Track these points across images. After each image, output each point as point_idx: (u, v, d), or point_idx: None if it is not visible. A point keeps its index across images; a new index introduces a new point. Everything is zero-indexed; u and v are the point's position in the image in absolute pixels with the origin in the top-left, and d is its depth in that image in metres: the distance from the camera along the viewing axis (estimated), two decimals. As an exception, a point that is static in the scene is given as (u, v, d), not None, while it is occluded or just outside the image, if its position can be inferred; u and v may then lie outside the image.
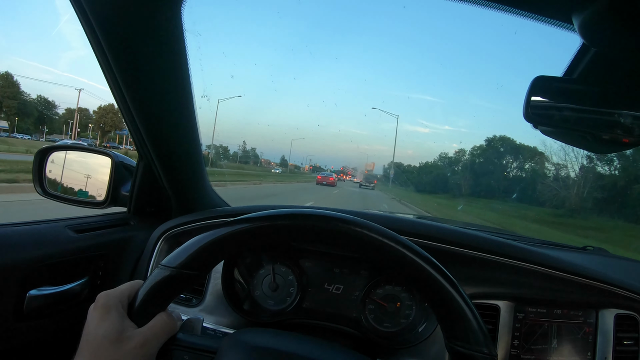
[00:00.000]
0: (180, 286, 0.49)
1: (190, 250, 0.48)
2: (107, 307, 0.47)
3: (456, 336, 0.46)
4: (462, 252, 0.82)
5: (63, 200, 0.96)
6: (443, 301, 0.47)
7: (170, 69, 0.71)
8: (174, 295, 0.50)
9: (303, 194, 13.53)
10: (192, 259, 0.48)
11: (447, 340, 0.47)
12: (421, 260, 0.47)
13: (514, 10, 0.62)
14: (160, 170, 0.90)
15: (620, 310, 0.81)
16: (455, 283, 0.47)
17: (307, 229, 0.49)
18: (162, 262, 0.48)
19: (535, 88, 0.62)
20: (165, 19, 0.64)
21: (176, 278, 0.48)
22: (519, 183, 29.06)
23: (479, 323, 0.46)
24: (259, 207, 0.92)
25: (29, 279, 0.72)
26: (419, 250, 0.48)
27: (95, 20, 0.61)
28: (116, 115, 60.97)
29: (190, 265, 0.48)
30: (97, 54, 0.68)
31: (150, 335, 0.46)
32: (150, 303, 0.48)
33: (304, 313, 0.86)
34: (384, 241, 0.47)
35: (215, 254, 0.50)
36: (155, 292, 0.48)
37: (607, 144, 0.67)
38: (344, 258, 0.86)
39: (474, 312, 0.46)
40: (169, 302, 0.50)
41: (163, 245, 0.91)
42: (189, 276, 0.48)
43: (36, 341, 0.76)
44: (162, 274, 0.47)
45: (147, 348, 0.45)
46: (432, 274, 0.47)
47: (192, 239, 0.50)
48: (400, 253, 0.47)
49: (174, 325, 0.50)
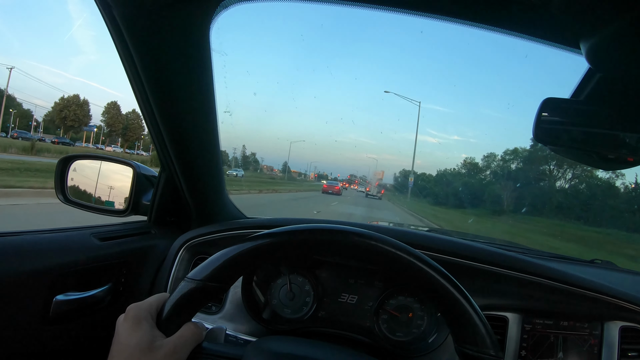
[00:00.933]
0: (205, 298, 0.53)
1: (215, 264, 0.52)
2: (137, 319, 0.50)
3: (465, 340, 0.50)
4: (471, 264, 0.85)
5: (85, 208, 0.99)
6: (452, 307, 0.51)
7: (196, 86, 0.75)
8: (200, 306, 0.54)
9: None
10: (217, 272, 0.52)
11: (456, 344, 0.51)
12: (431, 270, 0.51)
13: (524, 35, 0.65)
14: (183, 182, 0.93)
15: (625, 322, 0.83)
16: (463, 290, 0.51)
17: (326, 243, 0.54)
18: (188, 276, 0.52)
19: (544, 109, 0.65)
20: (194, 40, 0.67)
21: (202, 290, 0.51)
22: (584, 198, 22.52)
23: (487, 327, 0.49)
24: (279, 220, 0.95)
25: (56, 285, 0.74)
26: (429, 261, 0.52)
27: (130, 39, 0.64)
28: (81, 108, 57.60)
29: (215, 278, 0.52)
30: (128, 70, 0.71)
31: (180, 343, 0.49)
32: (178, 314, 0.51)
33: (320, 322, 0.88)
34: (397, 253, 0.51)
35: (238, 267, 0.54)
36: (182, 303, 0.51)
37: (612, 162, 0.70)
38: (359, 269, 0.89)
39: (482, 317, 0.50)
40: (195, 313, 0.54)
41: (184, 254, 0.94)
42: (213, 288, 0.52)
43: (60, 345, 0.78)
44: (188, 286, 0.51)
45: (177, 356, 0.48)
46: (441, 282, 0.51)
47: (216, 253, 0.53)
48: (412, 263, 0.51)
49: (201, 334, 0.53)
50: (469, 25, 0.66)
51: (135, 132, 68.01)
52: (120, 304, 0.88)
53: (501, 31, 0.65)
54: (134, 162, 0.99)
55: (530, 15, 0.61)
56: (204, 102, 0.78)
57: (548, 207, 21.48)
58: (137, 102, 0.77)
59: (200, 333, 0.53)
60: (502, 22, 0.63)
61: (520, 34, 0.66)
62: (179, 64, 0.70)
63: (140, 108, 0.78)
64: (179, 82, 0.73)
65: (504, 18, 0.62)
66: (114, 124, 65.28)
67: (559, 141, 0.67)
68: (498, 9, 0.61)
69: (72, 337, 0.80)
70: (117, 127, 65.60)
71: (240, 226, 0.95)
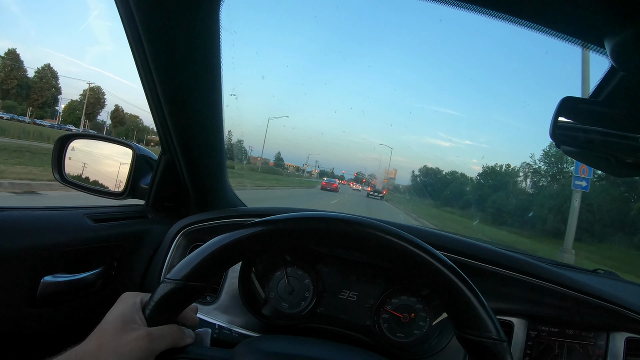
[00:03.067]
0: (187, 298, 0.50)
1: (194, 262, 0.49)
2: (124, 298, 0.50)
3: (465, 325, 0.47)
4: (478, 265, 0.82)
5: (81, 189, 0.97)
6: (449, 290, 0.47)
7: (203, 65, 0.72)
8: (183, 306, 0.51)
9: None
10: (196, 270, 0.49)
11: (456, 330, 0.48)
12: (423, 252, 0.48)
13: (548, 30, 0.63)
14: (183, 165, 0.91)
15: (631, 334, 0.81)
16: (459, 272, 0.48)
17: (310, 232, 0.50)
18: (167, 276, 0.49)
19: (562, 108, 0.63)
20: (203, 16, 0.65)
21: (182, 291, 0.48)
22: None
23: (487, 310, 0.46)
24: (277, 209, 0.92)
25: (44, 265, 0.72)
26: (420, 243, 0.49)
27: (137, 13, 0.62)
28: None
29: (195, 276, 0.49)
30: (133, 46, 0.69)
31: (155, 334, 0.47)
32: (159, 315, 0.49)
33: (318, 318, 0.86)
34: (387, 237, 0.48)
35: (219, 264, 0.51)
36: (162, 305, 0.49)
37: (629, 167, 0.68)
38: (361, 265, 0.87)
39: (481, 299, 0.47)
40: (179, 313, 0.52)
41: (181, 240, 0.92)
42: (195, 287, 0.49)
43: (47, 328, 0.75)
44: (167, 287, 0.48)
45: (147, 343, 0.46)
46: (434, 264, 0.47)
47: (195, 250, 0.50)
48: (404, 248, 0.48)
49: (182, 338, 0.50)
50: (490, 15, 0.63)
51: (41, 94, 46.40)
52: (112, 288, 0.85)
53: (524, 23, 0.63)
54: (134, 144, 0.97)
55: (555, 9, 0.59)
56: (210, 82, 0.75)
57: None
58: (140, 79, 0.75)
59: (183, 338, 0.51)
60: (526, 13, 0.61)
61: (544, 28, 0.63)
62: (185, 40, 0.67)
63: (143, 86, 0.76)
64: (185, 59, 0.70)
65: (528, 9, 0.60)
66: (6, 80, 43.12)
67: (575, 142, 0.65)
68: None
69: (60, 320, 0.77)
70: (8, 84, 43.27)
71: (238, 214, 0.92)
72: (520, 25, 0.65)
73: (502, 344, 0.45)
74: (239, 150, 13.89)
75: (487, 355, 0.45)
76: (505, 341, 0.45)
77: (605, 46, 0.57)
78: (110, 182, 0.99)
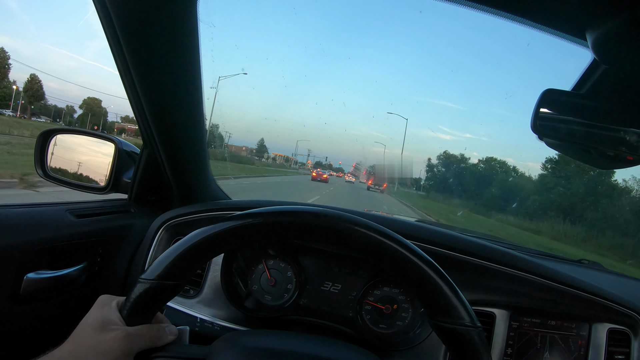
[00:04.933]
0: (163, 296, 0.50)
1: (167, 261, 0.48)
2: (101, 300, 0.51)
3: (438, 312, 0.47)
4: (459, 257, 0.82)
5: (64, 184, 0.96)
6: (420, 278, 0.47)
7: (181, 58, 0.71)
8: (160, 306, 0.51)
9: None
10: (170, 269, 0.48)
11: (429, 318, 0.48)
12: (389, 240, 0.47)
13: (530, 23, 0.63)
14: (164, 159, 0.90)
15: (613, 325, 0.82)
16: (429, 259, 0.47)
17: (280, 225, 0.50)
18: (142, 276, 0.49)
19: (544, 100, 0.63)
20: (181, 8, 0.63)
21: (157, 290, 0.48)
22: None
23: (459, 297, 0.46)
24: (261, 202, 0.92)
25: (27, 262, 0.71)
26: (387, 232, 0.48)
27: (110, 5, 0.60)
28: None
29: (169, 275, 0.48)
30: (110, 39, 0.67)
31: (133, 333, 0.47)
32: (135, 315, 0.49)
33: (301, 310, 0.86)
34: (354, 227, 0.48)
35: (193, 261, 0.50)
36: (138, 305, 0.49)
37: (611, 160, 0.68)
38: (344, 257, 0.87)
39: (453, 286, 0.47)
40: (157, 312, 0.52)
41: (163, 234, 0.91)
42: (170, 286, 0.49)
43: (32, 325, 0.75)
44: (142, 287, 0.48)
45: (125, 343, 0.46)
46: (404, 253, 0.47)
47: (168, 249, 0.50)
48: (371, 237, 0.47)
49: (161, 337, 0.51)
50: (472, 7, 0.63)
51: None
52: (96, 284, 0.85)
53: (507, 16, 0.62)
54: (116, 138, 0.95)
55: (538, 2, 0.58)
56: (189, 75, 0.74)
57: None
58: (118, 72, 0.73)
59: (162, 336, 0.51)
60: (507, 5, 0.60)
61: (526, 21, 0.63)
62: (162, 33, 0.66)
63: (121, 79, 0.74)
64: (163, 54, 0.69)
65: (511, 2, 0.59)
66: None
67: (557, 134, 0.65)
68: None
69: (44, 317, 0.77)
70: None
71: (221, 207, 0.92)
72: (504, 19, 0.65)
73: (475, 330, 0.45)
74: (219, 137, 12.40)
75: (462, 342, 0.45)
76: (479, 327, 0.45)
77: (587, 39, 0.57)
78: (93, 177, 0.98)
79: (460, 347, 0.46)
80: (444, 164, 36.23)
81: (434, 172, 36.38)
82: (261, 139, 63.87)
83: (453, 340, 0.46)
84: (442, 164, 36.32)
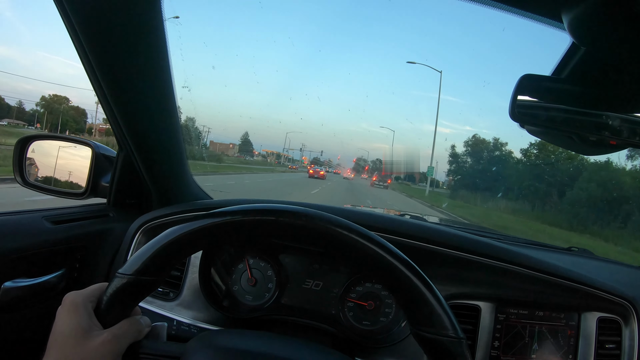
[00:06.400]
0: (140, 292, 0.49)
1: (145, 256, 0.47)
2: (75, 305, 0.47)
3: (420, 321, 0.45)
4: (441, 250, 0.81)
5: (42, 191, 0.94)
6: (402, 285, 0.45)
7: (149, 58, 0.69)
8: (137, 301, 0.50)
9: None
10: (148, 264, 0.47)
11: (411, 327, 0.46)
12: (373, 244, 0.46)
13: (503, 6, 0.61)
14: (140, 162, 0.89)
15: (603, 313, 0.81)
16: (413, 266, 0.46)
17: (256, 224, 0.49)
18: (119, 270, 0.47)
19: (522, 87, 0.61)
20: (144, 7, 0.62)
21: (134, 285, 0.47)
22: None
23: (443, 307, 0.44)
24: (242, 200, 0.90)
25: (4, 271, 0.71)
26: (369, 234, 0.46)
27: (70, 7, 0.59)
28: None
29: (147, 271, 0.47)
30: (75, 42, 0.65)
31: (118, 333, 0.46)
32: (113, 310, 0.47)
33: (283, 309, 0.85)
34: (334, 229, 0.46)
35: (171, 257, 0.49)
36: (115, 300, 0.47)
37: (594, 145, 0.66)
38: (324, 254, 0.85)
39: (437, 295, 0.45)
40: (134, 307, 0.50)
41: (141, 238, 0.90)
42: (148, 282, 0.48)
43: (10, 334, 0.75)
44: (119, 282, 0.47)
45: (112, 346, 0.45)
46: (386, 258, 0.45)
47: (145, 244, 0.49)
48: (352, 240, 0.46)
49: (141, 330, 0.50)
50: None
51: None
52: (76, 289, 0.84)
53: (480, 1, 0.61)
54: (93, 142, 0.94)
55: None
56: (158, 75, 0.73)
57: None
58: (86, 74, 0.71)
59: (141, 328, 0.50)
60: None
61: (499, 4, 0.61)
62: (127, 34, 0.64)
63: (90, 81, 0.73)
64: (129, 53, 0.68)
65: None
66: None
67: (536, 121, 0.63)
68: None
69: (23, 325, 0.77)
70: None
71: (200, 207, 0.90)
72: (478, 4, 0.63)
73: (459, 342, 0.43)
74: (195, 133, 10.91)
75: (444, 353, 0.43)
76: (464, 339, 0.44)
77: (563, 21, 0.55)
78: (72, 182, 0.97)
79: (442, 359, 0.44)
80: (472, 152, 27.33)
81: (458, 164, 27.84)
82: (245, 133, 59.17)
83: (435, 350, 0.44)
84: (470, 153, 27.40)
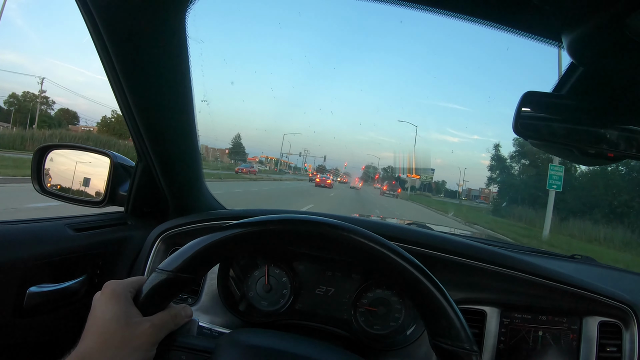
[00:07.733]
0: (177, 289, 0.52)
1: (186, 254, 0.51)
2: (116, 293, 0.49)
3: (440, 333, 0.49)
4: (450, 258, 0.84)
5: (61, 199, 0.97)
6: (425, 300, 0.50)
7: (172, 74, 0.73)
8: (173, 296, 0.53)
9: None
10: (188, 263, 0.51)
11: (431, 338, 0.50)
12: (403, 261, 0.50)
13: (506, 28, 0.64)
14: (159, 172, 0.92)
15: (604, 317, 0.83)
16: (436, 282, 0.50)
17: (297, 234, 0.53)
18: (159, 266, 0.51)
19: (525, 102, 0.64)
20: (170, 26, 0.65)
21: (173, 281, 0.51)
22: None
23: (461, 321, 0.49)
24: (256, 211, 0.94)
25: (29, 276, 0.73)
26: (401, 252, 0.51)
27: (101, 24, 0.62)
28: None
29: (186, 269, 0.51)
30: (102, 56, 0.69)
31: (158, 323, 0.49)
32: (153, 301, 0.51)
33: (297, 314, 0.88)
34: (369, 244, 0.50)
35: (209, 258, 0.53)
36: (154, 294, 0.51)
37: (593, 157, 0.70)
38: (337, 261, 0.88)
39: (456, 310, 0.49)
40: (169, 302, 0.53)
41: (160, 245, 0.93)
42: (185, 279, 0.51)
43: (35, 337, 0.77)
44: (159, 277, 0.50)
45: (153, 334, 0.48)
46: (414, 274, 0.50)
47: (187, 243, 0.52)
48: (384, 255, 0.50)
49: (178, 322, 0.53)
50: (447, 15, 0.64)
51: None
52: None
53: (482, 22, 0.64)
54: (111, 152, 0.97)
55: (511, 7, 0.60)
56: (180, 90, 0.76)
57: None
58: (112, 90, 0.75)
59: (179, 321, 0.53)
60: (481, 12, 0.62)
61: (501, 26, 0.65)
62: (154, 51, 0.68)
63: (115, 96, 0.76)
64: (154, 70, 0.71)
65: (483, 8, 0.61)
66: None
67: (539, 135, 0.67)
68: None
69: (47, 329, 0.79)
70: None
71: (216, 217, 0.94)
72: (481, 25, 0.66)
73: (474, 354, 0.48)
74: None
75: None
76: (477, 352, 0.48)
77: (563, 42, 0.59)
78: (89, 191, 1.00)
79: None
80: (525, 152, 19.42)
81: (507, 171, 20.42)
82: (237, 134, 52.91)
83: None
84: (522, 154, 19.67)
